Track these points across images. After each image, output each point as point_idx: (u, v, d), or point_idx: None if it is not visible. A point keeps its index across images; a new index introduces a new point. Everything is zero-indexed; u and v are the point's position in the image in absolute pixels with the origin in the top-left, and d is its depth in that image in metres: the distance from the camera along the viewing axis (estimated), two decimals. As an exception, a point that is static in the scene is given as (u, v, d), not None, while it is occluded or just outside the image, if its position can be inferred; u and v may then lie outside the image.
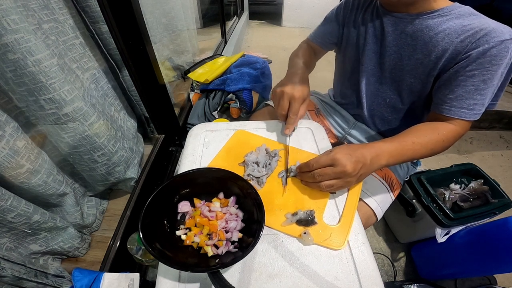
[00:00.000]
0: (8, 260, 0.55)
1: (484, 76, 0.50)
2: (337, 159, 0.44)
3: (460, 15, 0.53)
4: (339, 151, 0.45)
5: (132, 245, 0.59)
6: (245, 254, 0.35)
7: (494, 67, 0.49)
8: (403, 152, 0.50)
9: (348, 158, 0.44)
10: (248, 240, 0.38)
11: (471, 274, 0.89)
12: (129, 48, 0.74)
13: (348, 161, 0.44)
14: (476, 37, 0.49)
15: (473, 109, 0.52)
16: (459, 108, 0.53)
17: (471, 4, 0.56)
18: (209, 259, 0.39)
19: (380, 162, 0.48)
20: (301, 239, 0.43)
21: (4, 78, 0.53)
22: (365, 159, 0.45)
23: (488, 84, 0.50)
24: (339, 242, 0.42)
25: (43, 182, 0.60)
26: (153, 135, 1.09)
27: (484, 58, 0.49)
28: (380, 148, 0.48)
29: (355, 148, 0.47)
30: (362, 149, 0.47)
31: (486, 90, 0.51)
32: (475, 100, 0.51)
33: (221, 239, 0.40)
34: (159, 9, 1.15)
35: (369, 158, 0.46)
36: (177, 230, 0.42)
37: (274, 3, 4.27)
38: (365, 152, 0.46)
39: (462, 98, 0.52)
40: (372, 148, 0.48)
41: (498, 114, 1.83)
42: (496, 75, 0.50)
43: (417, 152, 0.51)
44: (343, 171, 0.43)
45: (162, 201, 0.41)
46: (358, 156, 0.45)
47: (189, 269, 0.35)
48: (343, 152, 0.45)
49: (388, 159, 0.48)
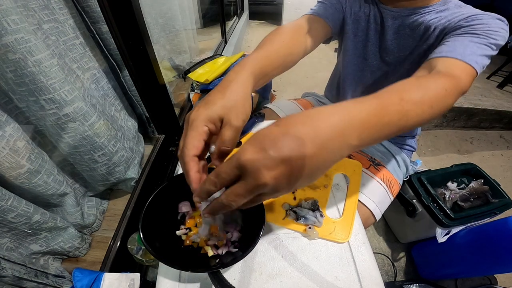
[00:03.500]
0: (9, 260, 0.55)
1: (478, 35, 0.46)
2: (243, 167, 0.24)
3: (451, 7, 0.56)
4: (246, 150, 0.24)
5: (132, 245, 0.59)
6: (245, 254, 0.35)
7: (487, 30, 0.47)
8: (386, 118, 0.29)
9: (262, 160, 0.23)
10: (248, 240, 0.38)
11: (472, 274, 0.89)
12: (129, 48, 0.74)
13: (262, 166, 0.23)
14: (465, 16, 0.51)
15: (471, 55, 0.43)
16: (455, 49, 0.44)
17: (471, 4, 0.56)
18: (209, 259, 0.39)
19: (346, 144, 0.25)
20: (306, 234, 0.43)
21: (4, 78, 0.53)
22: (302, 150, 0.23)
23: (483, 41, 0.45)
24: (343, 235, 0.43)
25: (43, 182, 0.60)
26: (154, 135, 1.09)
27: (475, 25, 0.49)
28: (346, 116, 0.26)
29: (284, 130, 0.24)
30: (298, 127, 0.24)
31: (482, 45, 0.45)
32: (472, 49, 0.44)
33: (221, 239, 0.40)
34: (158, 9, 1.15)
35: (315, 143, 0.23)
36: (177, 230, 0.42)
37: (274, 3, 4.27)
38: (305, 132, 0.24)
39: (455, 44, 0.46)
40: (327, 117, 0.25)
41: (498, 114, 1.83)
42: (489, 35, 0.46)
43: (410, 115, 0.31)
44: (256, 185, 0.23)
45: (163, 201, 0.41)
46: (286, 146, 0.23)
47: (189, 269, 0.35)
48: (253, 149, 0.23)
49: (361, 133, 0.26)
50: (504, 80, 2.20)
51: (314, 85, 2.25)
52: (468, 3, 0.56)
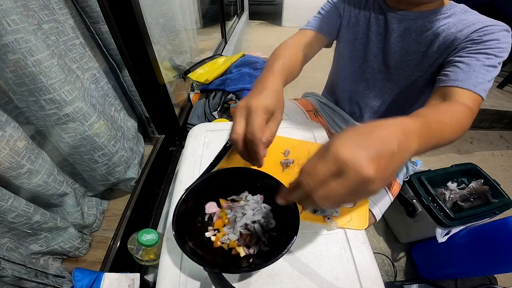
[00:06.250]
0: (9, 260, 0.55)
1: (488, 54, 0.50)
2: (344, 163, 0.25)
3: (457, 12, 0.56)
4: (341, 144, 0.26)
5: (132, 245, 0.59)
6: (281, 254, 0.33)
7: (495, 48, 0.50)
8: (431, 133, 0.35)
9: (363, 155, 0.25)
10: (282, 239, 0.37)
11: (472, 274, 0.89)
12: (129, 48, 0.74)
13: (364, 160, 0.24)
14: (476, 27, 0.52)
15: (481, 83, 0.48)
16: (467, 79, 0.49)
17: (471, 3, 0.57)
18: (241, 259, 0.38)
19: (411, 147, 0.29)
20: (325, 225, 0.44)
21: (5, 78, 0.53)
22: (391, 146, 0.26)
23: (491, 62, 0.50)
24: (361, 222, 0.44)
25: (43, 182, 0.60)
26: (154, 135, 1.09)
27: (487, 40, 0.50)
28: (406, 125, 0.29)
29: (368, 131, 0.27)
30: (381, 130, 0.27)
31: (489, 68, 0.50)
32: (482, 75, 0.49)
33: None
34: (158, 9, 1.15)
35: (397, 141, 0.26)
36: (206, 232, 0.41)
37: (274, 3, 4.27)
38: (387, 133, 0.27)
39: (469, 72, 0.50)
40: (393, 125, 0.28)
41: (498, 114, 1.83)
42: (497, 55, 0.50)
43: (445, 134, 0.39)
44: (361, 179, 0.24)
45: (189, 204, 0.41)
46: (379, 144, 0.26)
47: (223, 271, 0.34)
48: (350, 146, 0.25)
49: (420, 140, 0.31)
50: (504, 80, 2.20)
51: (314, 85, 2.25)
52: (468, 3, 0.56)
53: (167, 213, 0.65)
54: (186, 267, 0.40)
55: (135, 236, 0.60)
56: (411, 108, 0.68)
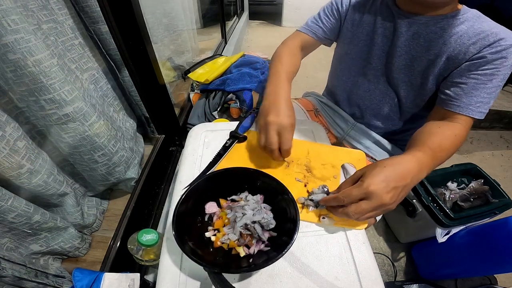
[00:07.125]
0: (9, 260, 0.55)
1: (493, 75, 0.52)
2: (371, 193, 0.38)
3: (469, 18, 0.55)
4: (372, 182, 0.39)
5: (132, 245, 0.59)
6: (282, 253, 0.34)
7: (502, 68, 0.51)
8: (435, 162, 0.47)
9: (384, 189, 0.38)
10: (282, 239, 0.38)
11: (472, 274, 0.90)
12: (129, 48, 0.74)
13: (384, 192, 0.38)
14: (489, 40, 0.51)
15: (479, 107, 0.53)
16: (468, 105, 0.53)
17: (471, 4, 0.56)
18: (241, 259, 0.38)
19: (421, 177, 0.43)
20: (320, 224, 0.44)
21: (4, 78, 0.53)
22: (405, 181, 0.40)
23: (495, 83, 0.52)
24: (362, 222, 0.45)
25: (43, 182, 0.60)
26: (153, 135, 1.09)
27: (496, 60, 0.51)
28: (421, 161, 0.43)
29: (392, 170, 0.40)
30: (401, 168, 0.41)
31: (492, 89, 0.53)
32: (483, 98, 0.53)
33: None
34: (159, 9, 1.15)
35: (411, 177, 0.41)
36: (206, 232, 0.42)
37: (274, 3, 4.26)
38: (406, 171, 0.41)
39: (471, 95, 0.53)
40: (412, 163, 0.42)
41: (498, 114, 1.83)
42: (503, 76, 0.52)
43: (444, 158, 0.50)
44: (381, 204, 0.38)
45: (189, 203, 0.41)
46: (397, 180, 0.40)
47: (223, 271, 0.34)
48: (377, 182, 0.39)
49: (428, 171, 0.45)
50: (504, 80, 2.20)
51: (314, 85, 2.25)
52: (468, 3, 0.55)
53: (167, 213, 0.65)
54: (186, 267, 0.40)
55: (135, 236, 0.60)
56: (411, 111, 0.68)
